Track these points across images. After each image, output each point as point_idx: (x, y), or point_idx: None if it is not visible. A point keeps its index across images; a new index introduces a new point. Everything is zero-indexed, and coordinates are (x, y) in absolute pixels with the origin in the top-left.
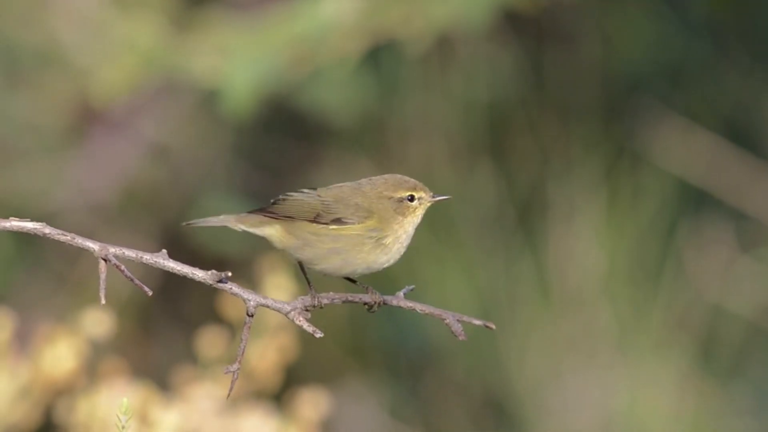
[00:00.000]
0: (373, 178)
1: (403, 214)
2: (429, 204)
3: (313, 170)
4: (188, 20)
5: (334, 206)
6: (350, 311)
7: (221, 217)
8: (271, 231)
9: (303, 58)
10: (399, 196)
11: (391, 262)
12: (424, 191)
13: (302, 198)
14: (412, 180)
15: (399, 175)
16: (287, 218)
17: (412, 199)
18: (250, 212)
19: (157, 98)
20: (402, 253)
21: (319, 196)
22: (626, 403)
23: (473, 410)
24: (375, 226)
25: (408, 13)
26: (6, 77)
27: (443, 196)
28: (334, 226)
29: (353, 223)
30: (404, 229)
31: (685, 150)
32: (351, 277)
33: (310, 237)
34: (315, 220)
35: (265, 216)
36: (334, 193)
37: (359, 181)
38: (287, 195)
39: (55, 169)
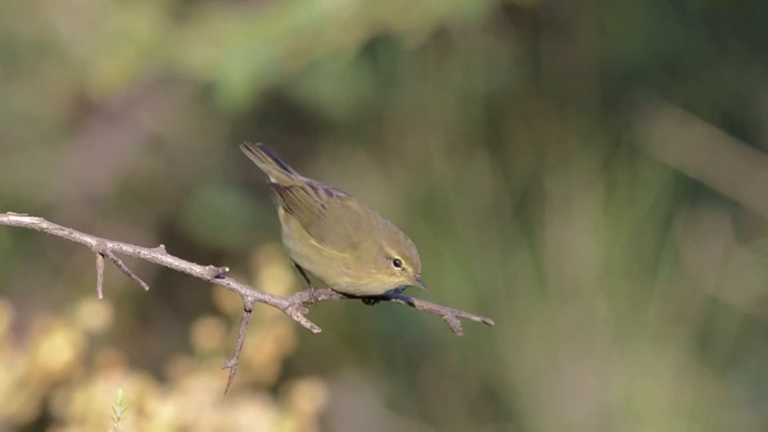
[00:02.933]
0: (393, 226)
1: (379, 269)
2: (407, 281)
3: (311, 162)
4: (185, 12)
5: (327, 225)
6: (347, 304)
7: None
8: (280, 206)
9: (299, 49)
10: (388, 252)
11: (356, 292)
12: (414, 268)
13: (309, 200)
14: (414, 251)
15: (410, 242)
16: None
17: (397, 263)
18: (281, 172)
19: (154, 90)
20: (372, 292)
21: (323, 206)
22: (623, 394)
23: (470, 401)
24: (348, 260)
25: (404, 4)
26: (3, 68)
27: (426, 286)
28: (314, 241)
29: (330, 249)
30: (369, 279)
31: (682, 141)
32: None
33: (295, 234)
34: (305, 226)
35: (277, 191)
36: (338, 212)
37: (383, 221)
38: (307, 184)
39: (52, 160)
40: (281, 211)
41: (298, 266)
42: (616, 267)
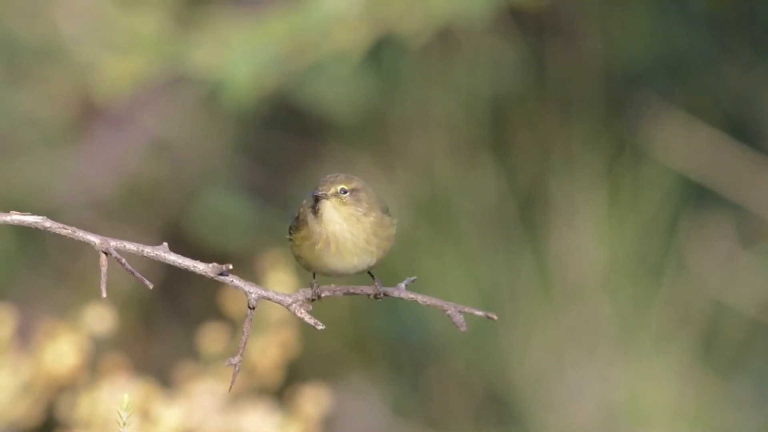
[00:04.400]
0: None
1: (314, 213)
2: (335, 198)
3: (315, 165)
4: (190, 14)
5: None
6: (352, 305)
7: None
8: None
9: (304, 50)
10: (307, 200)
11: (359, 263)
12: (327, 185)
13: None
14: (326, 176)
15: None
16: None
17: (316, 199)
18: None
19: (159, 93)
20: (373, 252)
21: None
22: (627, 397)
23: (475, 404)
24: (306, 234)
25: (409, 5)
26: (7, 71)
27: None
28: (288, 236)
29: (290, 236)
30: (327, 228)
31: (686, 145)
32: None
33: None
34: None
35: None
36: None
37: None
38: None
39: (57, 164)
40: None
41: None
42: (620, 269)
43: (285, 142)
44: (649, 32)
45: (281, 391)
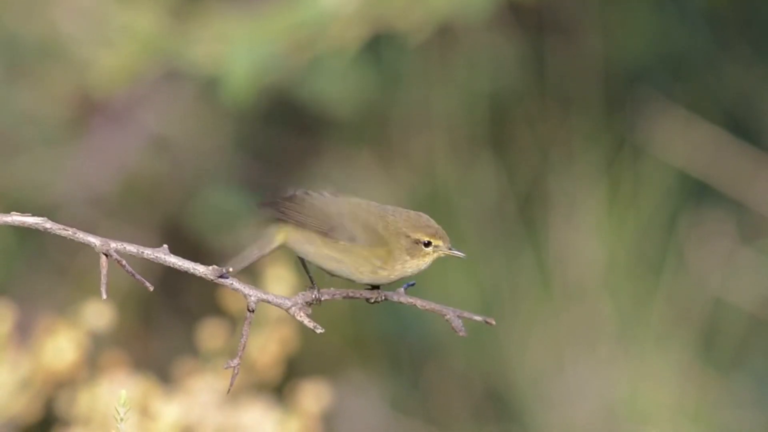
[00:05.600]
0: (399, 209)
1: (412, 256)
2: (442, 255)
3: (314, 162)
4: (187, 9)
5: (350, 225)
6: (351, 304)
7: (247, 252)
8: (280, 234)
9: (302, 45)
10: (416, 237)
11: (371, 282)
12: (443, 240)
13: (320, 207)
14: (436, 226)
15: (425, 217)
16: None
17: (428, 244)
18: (263, 205)
19: (158, 90)
20: (407, 275)
21: (332, 208)
22: (627, 395)
23: (474, 402)
24: (381, 256)
25: (408, 2)
26: (7, 69)
27: (460, 252)
28: (343, 242)
29: (363, 244)
30: (404, 268)
31: (686, 142)
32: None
33: (316, 241)
34: (327, 234)
35: (278, 216)
36: (353, 210)
37: (385, 207)
38: (306, 194)
39: (56, 161)
40: (285, 227)
41: (304, 266)
42: (620, 267)
43: (284, 139)
44: (649, 30)
45: (281, 388)
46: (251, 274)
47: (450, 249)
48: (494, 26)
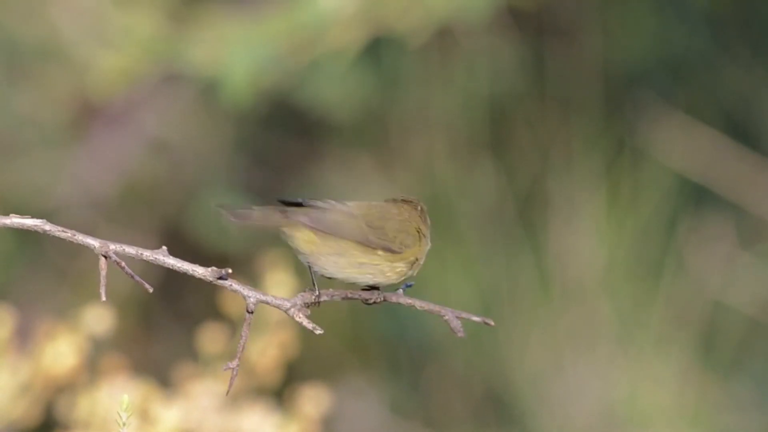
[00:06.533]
0: (379, 204)
1: (420, 246)
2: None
3: (314, 165)
4: (187, 12)
5: (380, 232)
6: (351, 306)
7: (259, 212)
8: (301, 236)
9: (301, 48)
10: (425, 231)
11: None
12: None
13: (347, 215)
14: (414, 206)
15: (420, 205)
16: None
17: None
18: (282, 209)
19: (157, 93)
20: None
21: (356, 215)
22: (627, 397)
23: (474, 404)
24: (414, 254)
25: (407, 5)
26: (6, 72)
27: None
28: (382, 252)
29: (400, 252)
30: (421, 260)
31: (685, 145)
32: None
33: (354, 253)
34: (364, 242)
35: (303, 224)
36: (374, 213)
37: (382, 204)
38: (325, 204)
39: (56, 164)
40: (304, 239)
41: (309, 269)
42: (620, 270)
43: (284, 142)
44: (648, 32)
45: (280, 392)
46: (250, 277)
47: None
48: (494, 29)
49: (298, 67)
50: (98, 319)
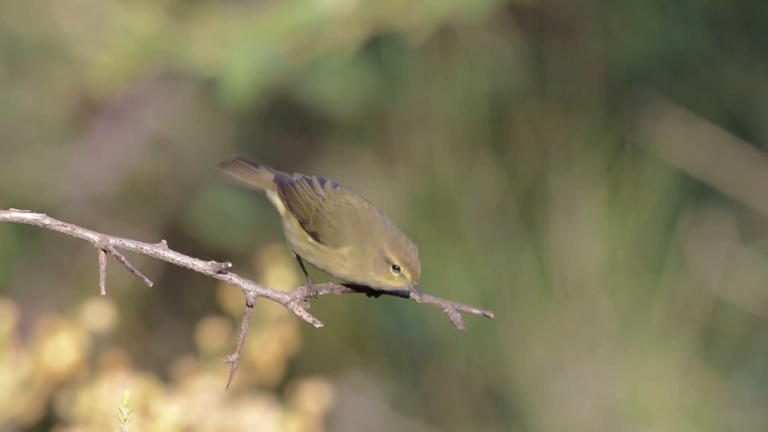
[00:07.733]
0: (389, 222)
1: (377, 271)
2: (404, 286)
3: (315, 162)
4: (187, 10)
5: (323, 221)
6: (351, 302)
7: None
8: (280, 204)
9: (302, 46)
10: (388, 256)
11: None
12: (413, 275)
13: (308, 197)
14: (415, 257)
15: (410, 245)
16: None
17: (396, 269)
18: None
19: (158, 89)
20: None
21: (321, 203)
22: (627, 394)
23: (475, 401)
24: (345, 255)
25: (408, 2)
26: (7, 69)
27: (420, 295)
28: (311, 239)
29: (326, 245)
30: (368, 279)
31: (686, 142)
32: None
33: (296, 232)
34: (302, 223)
35: (280, 187)
36: (334, 208)
37: (372, 210)
38: (305, 180)
39: (57, 161)
40: (282, 209)
41: (299, 259)
42: (621, 267)
43: (285, 139)
44: (649, 30)
45: (281, 388)
46: (251, 272)
47: (414, 287)
48: (494, 26)
49: (298, 65)
50: (98, 315)
